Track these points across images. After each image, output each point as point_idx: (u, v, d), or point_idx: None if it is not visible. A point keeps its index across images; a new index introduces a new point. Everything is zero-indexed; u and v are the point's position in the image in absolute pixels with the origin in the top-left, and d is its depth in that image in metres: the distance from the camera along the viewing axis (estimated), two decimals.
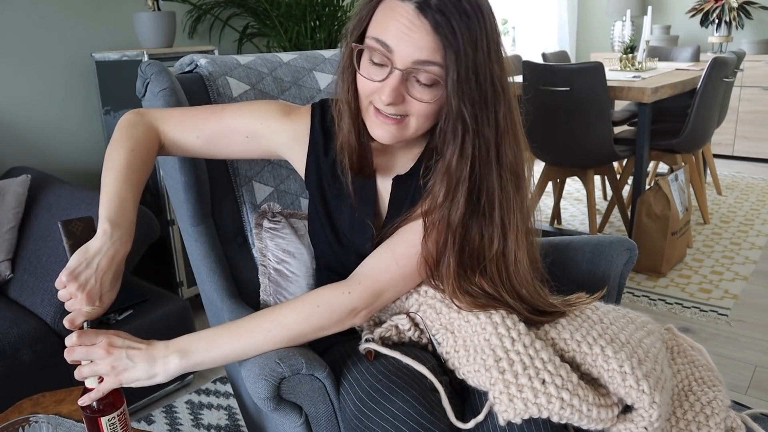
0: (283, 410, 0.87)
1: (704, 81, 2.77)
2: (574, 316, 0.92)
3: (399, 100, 0.82)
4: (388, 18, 0.80)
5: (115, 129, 0.97)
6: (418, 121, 0.85)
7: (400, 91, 0.82)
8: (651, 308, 2.34)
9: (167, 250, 2.20)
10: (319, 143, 1.00)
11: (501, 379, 0.79)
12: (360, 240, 0.99)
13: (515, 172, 0.87)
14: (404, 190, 0.97)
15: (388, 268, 0.91)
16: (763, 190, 3.86)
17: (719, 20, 4.57)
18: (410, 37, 0.78)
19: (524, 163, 0.90)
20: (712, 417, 0.90)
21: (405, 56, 0.79)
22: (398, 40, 0.79)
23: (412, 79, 0.82)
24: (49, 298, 1.53)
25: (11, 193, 1.69)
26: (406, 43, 0.79)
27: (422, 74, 0.80)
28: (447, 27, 0.77)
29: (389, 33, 0.80)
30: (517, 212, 0.88)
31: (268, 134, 1.01)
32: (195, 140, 1.00)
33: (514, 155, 0.87)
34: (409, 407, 0.78)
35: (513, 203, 0.87)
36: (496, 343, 0.82)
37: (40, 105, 2.17)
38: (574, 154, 2.75)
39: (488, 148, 0.84)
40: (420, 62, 0.79)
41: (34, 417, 0.90)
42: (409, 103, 0.83)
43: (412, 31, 0.78)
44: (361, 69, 0.85)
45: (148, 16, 2.17)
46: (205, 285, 1.16)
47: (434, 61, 0.79)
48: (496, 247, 0.87)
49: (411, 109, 0.84)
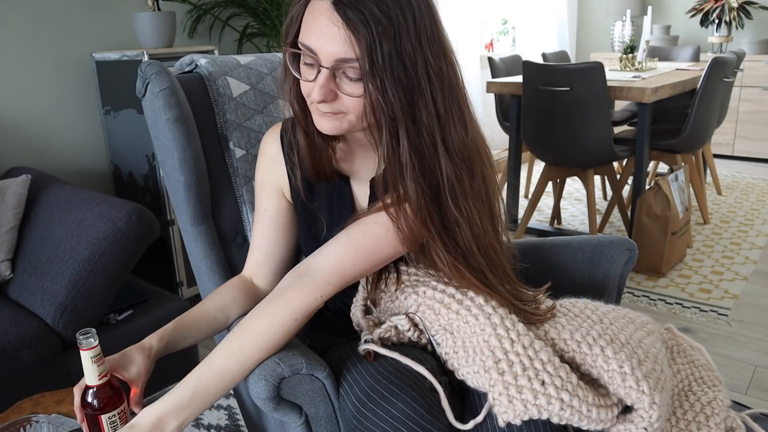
0: (283, 410, 0.87)
1: (704, 81, 2.77)
2: (573, 316, 0.92)
3: (331, 97, 0.82)
4: (311, 19, 0.80)
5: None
6: (356, 115, 0.84)
7: (330, 88, 0.81)
8: (651, 308, 2.34)
9: (167, 250, 2.21)
10: (293, 159, 1.01)
11: (500, 380, 0.79)
12: None
13: (466, 157, 0.86)
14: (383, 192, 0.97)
15: (354, 262, 0.90)
16: (763, 190, 3.86)
17: (719, 20, 4.57)
18: (328, 35, 0.78)
19: (478, 147, 0.89)
20: (712, 417, 0.90)
21: (327, 55, 0.79)
22: (318, 39, 0.79)
23: (341, 75, 0.81)
24: (49, 298, 1.53)
25: (11, 193, 1.69)
26: (325, 41, 0.78)
27: (349, 70, 0.80)
28: (359, 20, 0.76)
29: (311, 34, 0.80)
30: (474, 199, 0.88)
31: (276, 204, 1.05)
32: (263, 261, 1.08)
33: (462, 141, 0.85)
34: (409, 408, 0.78)
35: (467, 189, 0.87)
36: (495, 344, 0.82)
37: (40, 105, 2.17)
38: (574, 154, 2.75)
39: (431, 136, 0.83)
40: (342, 60, 0.79)
41: (35, 417, 0.90)
42: (341, 99, 0.83)
43: (330, 28, 0.78)
44: (298, 71, 0.86)
45: (148, 16, 2.17)
46: (205, 285, 1.16)
47: (352, 57, 0.78)
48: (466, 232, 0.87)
49: (344, 105, 0.83)
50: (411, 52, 0.78)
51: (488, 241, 0.91)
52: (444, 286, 0.91)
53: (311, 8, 0.80)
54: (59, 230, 1.60)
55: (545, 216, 3.44)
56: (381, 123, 0.81)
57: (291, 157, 1.01)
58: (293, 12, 0.84)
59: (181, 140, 1.09)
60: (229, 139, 1.21)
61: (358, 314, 0.98)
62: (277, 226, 1.06)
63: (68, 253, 1.54)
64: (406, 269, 0.98)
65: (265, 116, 1.25)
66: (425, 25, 0.80)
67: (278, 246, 1.07)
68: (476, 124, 0.90)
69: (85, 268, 1.52)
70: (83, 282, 1.52)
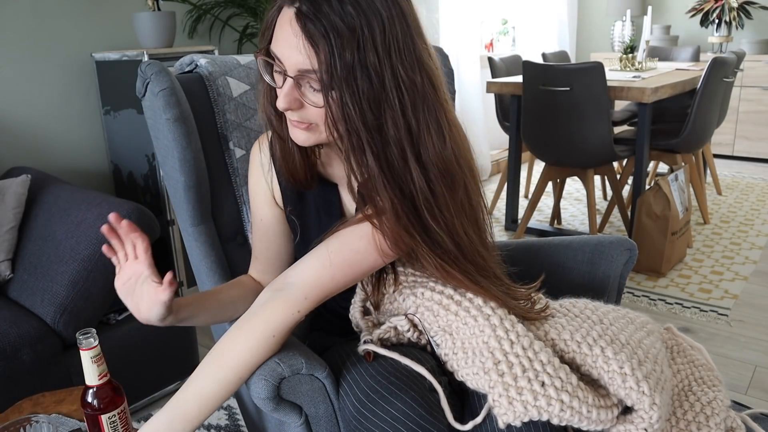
0: (283, 410, 0.87)
1: (704, 81, 2.78)
2: (573, 316, 0.92)
3: (296, 106, 0.82)
4: (278, 28, 0.80)
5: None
6: (324, 125, 0.82)
7: (294, 97, 0.81)
8: (651, 308, 2.34)
9: (167, 250, 2.20)
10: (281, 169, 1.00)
11: (500, 381, 0.79)
12: None
13: (445, 169, 0.84)
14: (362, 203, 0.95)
15: (332, 276, 0.88)
16: (763, 190, 3.86)
17: (719, 20, 4.57)
18: (291, 44, 0.77)
19: (458, 159, 0.86)
20: (712, 417, 0.90)
21: (291, 65, 0.79)
22: (283, 48, 0.79)
23: (306, 84, 0.80)
24: (49, 298, 1.53)
25: (11, 193, 1.69)
26: (289, 50, 0.78)
27: (311, 80, 0.79)
28: (318, 32, 0.74)
29: (278, 43, 0.80)
30: (457, 210, 0.86)
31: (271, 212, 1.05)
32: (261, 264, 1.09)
33: (439, 154, 0.83)
34: (408, 408, 0.78)
35: (445, 201, 0.85)
36: (494, 345, 0.82)
37: (40, 105, 2.17)
38: (574, 154, 2.75)
39: (399, 148, 0.81)
40: (303, 71, 0.78)
41: (35, 417, 0.90)
42: (306, 108, 0.82)
43: (292, 38, 0.77)
44: (272, 78, 0.86)
45: (148, 16, 2.17)
46: (205, 285, 1.16)
47: (311, 69, 0.77)
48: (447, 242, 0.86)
49: (310, 115, 0.82)
50: (377, 64, 0.76)
51: (474, 249, 0.89)
52: (442, 287, 0.91)
53: (281, 16, 0.80)
54: (59, 230, 1.60)
55: (545, 216, 3.44)
56: (343, 135, 0.80)
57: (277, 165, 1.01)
58: (267, 18, 0.83)
59: (181, 140, 1.09)
60: (229, 139, 1.21)
61: (357, 315, 0.98)
62: (276, 234, 1.06)
63: (68, 253, 1.54)
64: (403, 270, 0.97)
65: None
66: (396, 37, 0.77)
67: (281, 253, 1.07)
68: (458, 136, 0.88)
69: (85, 268, 1.52)
70: (83, 282, 1.52)
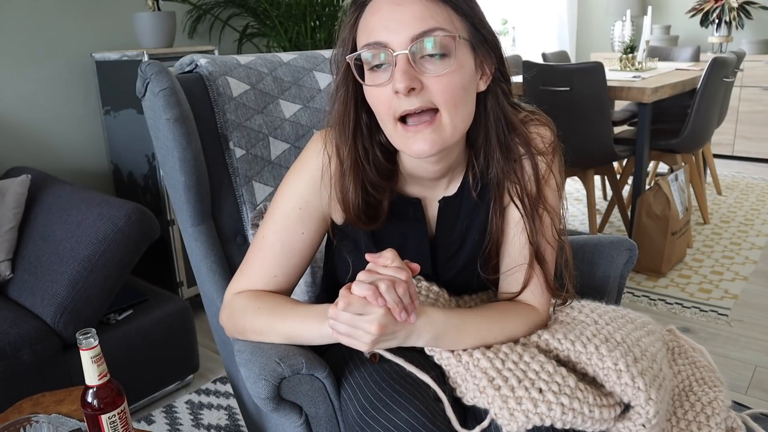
0: (283, 410, 0.87)
1: (704, 81, 2.77)
2: (565, 323, 0.92)
3: (417, 84, 0.75)
4: (369, 16, 0.79)
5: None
6: (447, 107, 0.78)
7: (412, 74, 0.75)
8: (651, 308, 2.34)
9: (167, 250, 2.21)
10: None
11: (498, 395, 0.78)
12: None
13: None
14: (452, 210, 0.94)
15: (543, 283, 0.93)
16: (763, 190, 3.86)
17: (719, 20, 4.57)
18: (396, 19, 0.76)
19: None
20: (712, 417, 0.90)
21: (401, 39, 0.75)
22: (386, 29, 0.76)
23: (419, 60, 0.76)
24: (49, 298, 1.53)
25: (11, 193, 1.69)
26: (395, 26, 0.76)
27: (429, 45, 0.75)
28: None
29: (375, 31, 0.77)
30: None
31: (318, 228, 0.94)
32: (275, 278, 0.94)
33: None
34: (411, 417, 0.78)
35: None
36: (486, 365, 0.82)
37: (40, 105, 2.17)
38: (573, 154, 2.74)
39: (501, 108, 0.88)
40: (419, 35, 0.75)
41: (35, 417, 0.90)
42: (428, 87, 0.76)
43: (396, 12, 0.76)
44: (366, 81, 0.81)
45: (148, 16, 2.17)
46: (205, 285, 1.16)
47: (434, 27, 0.75)
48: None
49: (433, 92, 0.77)
50: (482, 18, 0.81)
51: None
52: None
53: (366, 11, 0.79)
54: (59, 230, 1.60)
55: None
56: (468, 101, 0.81)
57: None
58: (349, 20, 0.82)
59: (181, 140, 1.09)
60: (229, 139, 1.21)
61: None
62: (310, 251, 0.95)
63: (68, 253, 1.54)
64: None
65: (265, 116, 1.25)
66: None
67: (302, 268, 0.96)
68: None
69: (85, 268, 1.52)
70: (83, 282, 1.52)
